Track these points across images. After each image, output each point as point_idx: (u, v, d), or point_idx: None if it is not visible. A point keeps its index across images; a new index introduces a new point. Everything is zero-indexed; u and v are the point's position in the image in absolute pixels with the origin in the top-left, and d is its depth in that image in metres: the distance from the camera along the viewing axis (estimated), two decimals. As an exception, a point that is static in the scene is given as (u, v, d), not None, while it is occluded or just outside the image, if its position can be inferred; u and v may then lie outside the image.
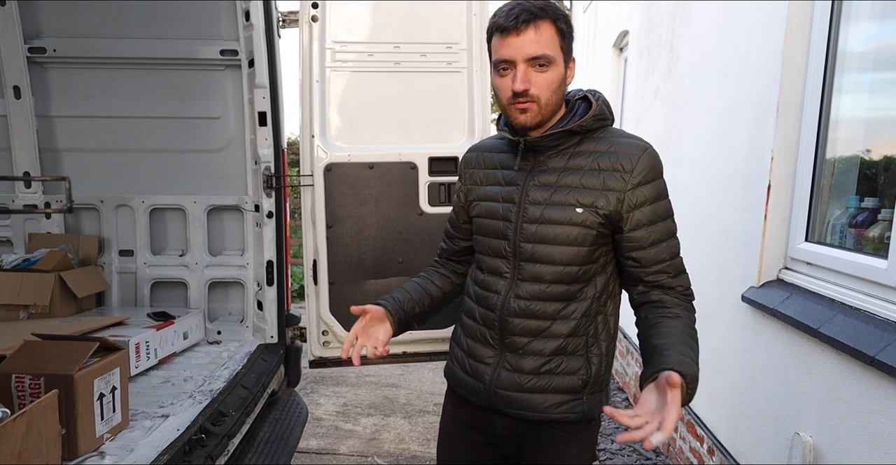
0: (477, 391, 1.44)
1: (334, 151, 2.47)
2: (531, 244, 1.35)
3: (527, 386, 1.37)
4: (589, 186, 1.31)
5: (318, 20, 2.41)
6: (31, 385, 1.53)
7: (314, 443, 3.43)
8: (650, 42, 4.04)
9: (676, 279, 1.34)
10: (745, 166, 2.41)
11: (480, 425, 1.48)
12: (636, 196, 1.29)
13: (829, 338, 1.72)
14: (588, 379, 1.38)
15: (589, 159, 1.32)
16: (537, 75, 1.27)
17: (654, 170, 1.31)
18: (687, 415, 2.96)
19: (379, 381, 4.42)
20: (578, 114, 1.35)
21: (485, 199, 1.45)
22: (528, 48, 1.25)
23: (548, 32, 1.26)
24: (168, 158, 2.80)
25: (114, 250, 2.82)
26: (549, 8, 1.28)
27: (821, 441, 1.80)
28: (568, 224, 1.32)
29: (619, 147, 1.32)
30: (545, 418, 1.37)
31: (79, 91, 2.75)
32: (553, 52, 1.27)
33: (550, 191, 1.34)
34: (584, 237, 1.32)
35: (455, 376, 1.52)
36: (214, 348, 2.59)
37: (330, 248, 2.48)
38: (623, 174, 1.29)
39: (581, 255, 1.33)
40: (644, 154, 1.30)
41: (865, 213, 1.88)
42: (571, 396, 1.37)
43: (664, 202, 1.34)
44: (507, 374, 1.39)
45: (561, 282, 1.34)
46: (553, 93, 1.30)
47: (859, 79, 1.98)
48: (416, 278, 1.61)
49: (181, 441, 1.70)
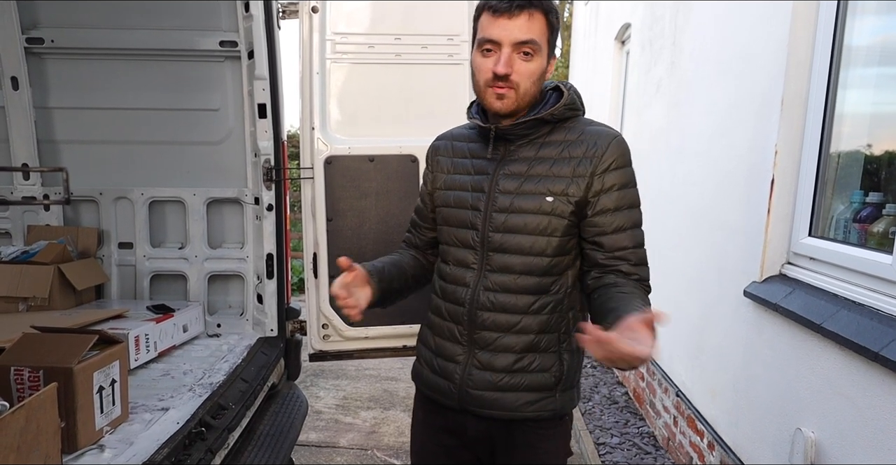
0: (447, 391, 1.40)
1: (334, 143, 2.45)
2: (500, 234, 1.33)
3: (499, 385, 1.34)
4: (559, 174, 1.30)
5: (319, 11, 2.39)
6: (31, 378, 1.52)
7: (314, 436, 3.43)
8: (652, 35, 4.01)
9: (636, 268, 1.32)
10: (747, 160, 2.40)
11: (452, 428, 1.44)
12: (603, 181, 1.29)
13: (832, 333, 1.71)
14: (561, 376, 1.36)
15: (559, 148, 1.32)
16: (521, 63, 1.26)
17: (623, 157, 1.31)
18: (687, 409, 2.96)
19: (379, 374, 4.42)
20: (549, 103, 1.35)
21: (452, 187, 1.42)
22: (518, 33, 1.24)
23: (539, 22, 1.26)
24: (167, 150, 2.78)
25: (113, 243, 2.80)
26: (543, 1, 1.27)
27: (823, 437, 1.80)
28: (538, 213, 1.30)
29: (589, 135, 1.32)
30: (518, 416, 1.35)
31: (77, 82, 2.72)
32: (541, 41, 1.27)
33: (521, 180, 1.33)
34: (555, 227, 1.31)
35: (423, 378, 1.48)
36: (214, 341, 2.58)
37: (330, 241, 2.47)
38: (592, 160, 1.29)
39: (552, 245, 1.31)
40: (613, 141, 1.31)
41: (870, 208, 1.87)
42: (545, 394, 1.35)
43: (632, 190, 1.33)
44: (479, 372, 1.36)
45: (531, 273, 1.32)
46: (533, 83, 1.29)
47: (865, 73, 1.97)
48: (391, 255, 1.55)
49: (181, 435, 1.69)
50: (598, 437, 3.44)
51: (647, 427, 3.59)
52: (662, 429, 3.36)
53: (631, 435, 3.49)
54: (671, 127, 3.45)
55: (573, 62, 8.23)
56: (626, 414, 3.78)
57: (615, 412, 3.82)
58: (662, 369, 3.43)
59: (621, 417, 3.74)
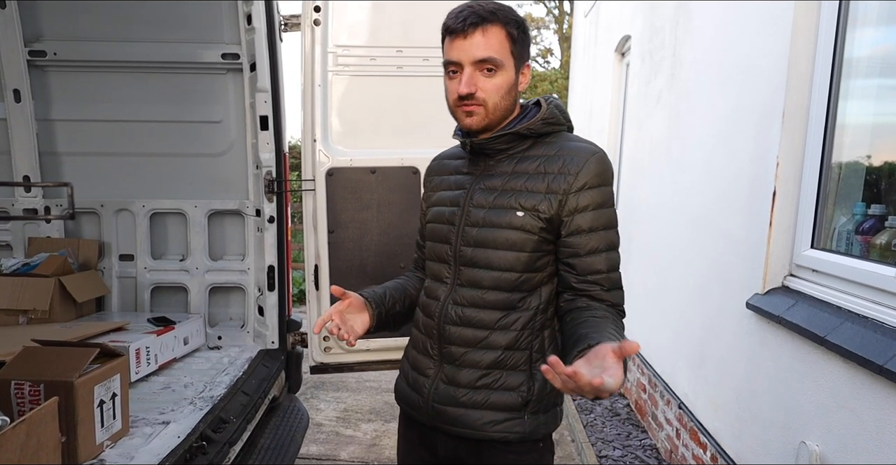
0: (417, 406, 1.39)
1: (336, 155, 2.46)
2: (471, 248, 1.32)
3: (462, 400, 1.32)
4: (533, 189, 1.27)
5: (321, 24, 2.40)
6: (31, 392, 1.51)
7: (315, 449, 3.40)
8: (652, 47, 4.03)
9: (609, 293, 1.27)
10: (749, 172, 2.40)
11: (426, 444, 1.43)
12: (578, 200, 1.25)
13: (836, 346, 1.70)
14: (530, 397, 1.30)
15: (536, 163, 1.30)
16: (484, 80, 1.25)
17: (601, 175, 1.27)
18: (690, 422, 2.94)
19: (380, 386, 4.40)
20: (528, 117, 1.33)
21: (436, 204, 1.43)
22: (475, 51, 1.24)
23: (497, 37, 1.24)
24: (169, 162, 2.79)
25: (114, 255, 2.80)
26: (500, 12, 1.25)
27: (828, 451, 1.79)
28: (507, 228, 1.28)
29: (568, 151, 1.29)
30: (483, 436, 1.31)
31: (79, 94, 2.73)
32: (501, 57, 1.24)
33: (494, 194, 1.31)
34: (524, 242, 1.27)
35: (399, 390, 1.48)
36: (215, 354, 2.58)
37: (332, 253, 2.47)
38: (567, 177, 1.25)
39: (521, 261, 1.28)
40: (592, 158, 1.26)
41: (872, 220, 1.87)
42: (510, 414, 1.30)
43: (608, 211, 1.29)
44: (444, 387, 1.34)
45: (499, 289, 1.30)
46: (501, 98, 1.27)
47: (866, 84, 1.97)
48: (396, 280, 1.56)
49: (182, 449, 1.68)
50: (601, 449, 3.42)
51: (649, 440, 3.57)
52: (665, 441, 3.34)
53: (633, 448, 3.47)
54: (672, 138, 3.46)
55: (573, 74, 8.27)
56: (629, 426, 3.76)
57: (617, 424, 3.79)
58: (664, 381, 3.41)
59: (623, 429, 3.71)
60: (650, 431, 3.64)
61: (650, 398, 3.68)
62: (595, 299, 1.27)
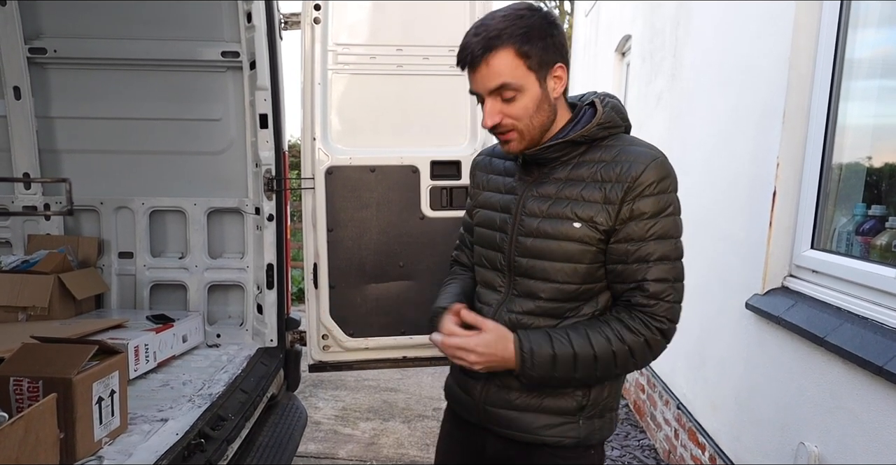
0: (468, 406, 1.39)
1: (335, 153, 2.45)
2: (526, 259, 1.27)
3: (515, 403, 1.30)
4: (589, 198, 1.21)
5: (321, 22, 2.40)
6: (30, 389, 1.51)
7: (313, 447, 3.40)
8: (653, 47, 4.03)
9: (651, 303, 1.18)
10: (749, 172, 2.40)
11: (473, 445, 1.42)
12: (633, 208, 1.18)
13: (835, 347, 1.70)
14: (585, 402, 1.28)
15: (592, 170, 1.23)
16: (507, 106, 1.19)
17: (661, 182, 1.19)
18: (689, 422, 2.94)
19: (378, 385, 4.40)
20: (582, 122, 1.26)
21: (484, 206, 1.39)
22: (487, 82, 1.18)
23: (504, 60, 1.15)
24: (168, 159, 2.79)
25: (113, 252, 2.80)
26: (505, 32, 1.15)
27: (826, 452, 1.78)
28: (564, 239, 1.22)
29: (626, 155, 1.21)
30: (536, 440, 1.29)
31: (79, 92, 2.73)
32: (515, 79, 1.16)
33: (549, 203, 1.25)
34: (582, 254, 1.22)
35: (450, 390, 1.47)
36: (214, 352, 2.57)
37: (331, 251, 2.47)
38: (624, 185, 1.18)
39: (579, 272, 1.23)
40: (652, 163, 1.18)
41: (872, 221, 1.86)
42: (565, 418, 1.29)
43: (666, 220, 1.20)
44: (497, 390, 1.33)
45: (556, 300, 1.26)
46: (532, 117, 1.20)
47: (867, 85, 1.97)
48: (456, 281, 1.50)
49: (180, 446, 1.68)
50: (599, 449, 3.42)
51: (647, 440, 3.57)
52: (663, 442, 3.34)
53: (631, 448, 3.47)
54: (672, 139, 3.45)
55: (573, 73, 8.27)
56: (627, 426, 3.76)
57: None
58: (663, 382, 3.41)
59: (622, 429, 3.71)
60: (648, 431, 3.64)
61: (648, 399, 3.68)
62: (635, 307, 1.20)
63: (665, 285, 1.19)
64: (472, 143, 2.52)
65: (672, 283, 1.20)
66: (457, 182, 2.51)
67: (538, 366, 1.20)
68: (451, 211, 2.49)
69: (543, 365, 1.20)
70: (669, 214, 1.20)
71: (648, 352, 1.21)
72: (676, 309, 1.22)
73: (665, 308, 1.20)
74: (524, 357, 1.20)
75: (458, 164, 2.50)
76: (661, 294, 1.19)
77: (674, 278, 1.21)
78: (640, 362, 1.23)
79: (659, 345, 1.22)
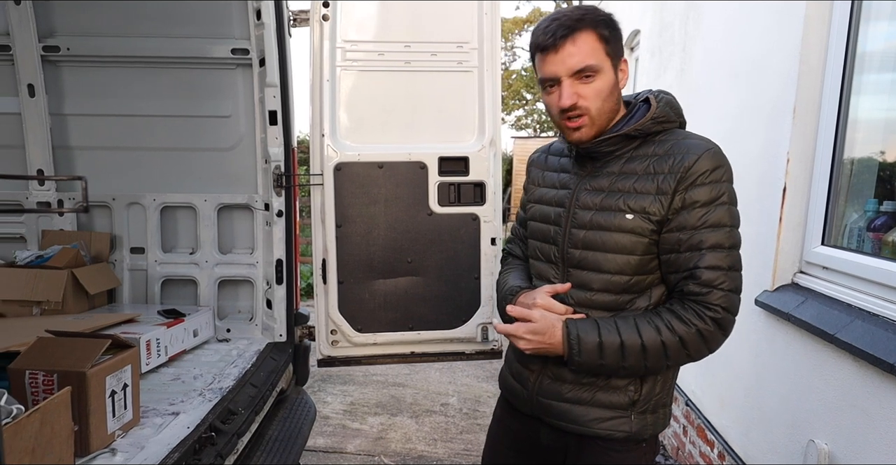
0: (521, 397, 1.42)
1: (344, 150, 2.46)
2: (579, 250, 1.30)
3: (567, 396, 1.33)
4: (642, 190, 1.23)
5: (329, 19, 2.41)
6: (45, 381, 1.54)
7: (321, 442, 3.43)
8: (662, 42, 4.00)
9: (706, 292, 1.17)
10: (758, 168, 2.38)
11: (525, 433, 1.45)
12: (686, 197, 1.19)
13: (846, 344, 1.69)
14: (637, 397, 1.30)
15: (645, 163, 1.25)
16: (584, 87, 1.23)
17: (715, 171, 1.20)
18: (697, 419, 2.93)
19: (386, 380, 4.42)
20: (636, 117, 1.29)
21: (539, 201, 1.43)
22: (570, 62, 1.22)
23: (588, 42, 1.22)
24: (179, 156, 2.81)
25: (125, 248, 2.83)
26: (587, 16, 1.22)
27: (836, 449, 1.78)
28: (617, 231, 1.25)
29: (679, 148, 1.23)
30: (588, 432, 1.32)
31: (92, 89, 2.76)
32: (597, 61, 1.22)
33: (602, 195, 1.28)
34: (635, 245, 1.24)
35: (504, 380, 1.51)
36: (224, 346, 2.60)
37: (339, 247, 2.48)
38: (677, 175, 1.19)
39: (632, 264, 1.25)
40: (704, 154, 1.20)
41: (884, 217, 1.85)
42: (617, 412, 1.30)
43: (720, 209, 1.20)
44: (549, 382, 1.36)
45: (608, 291, 1.28)
46: (604, 101, 1.25)
47: (879, 79, 1.95)
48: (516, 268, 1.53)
49: (191, 439, 1.70)
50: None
51: (656, 436, 3.56)
52: (672, 438, 3.33)
53: (640, 444, 3.46)
54: (682, 134, 3.43)
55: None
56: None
57: (625, 420, 3.79)
58: (672, 378, 3.40)
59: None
60: (657, 427, 3.63)
61: (658, 395, 3.67)
62: (687, 296, 1.20)
63: (718, 273, 1.18)
64: (479, 139, 2.52)
65: (727, 271, 1.20)
66: (465, 178, 2.51)
67: (584, 353, 1.22)
68: (459, 207, 2.50)
69: (590, 352, 1.22)
70: (723, 203, 1.21)
71: (702, 344, 1.20)
72: (733, 299, 1.21)
73: (718, 296, 1.18)
74: (571, 344, 1.23)
75: (466, 160, 2.50)
76: (714, 282, 1.18)
77: (728, 266, 1.20)
78: (695, 353, 1.22)
79: (714, 336, 1.20)
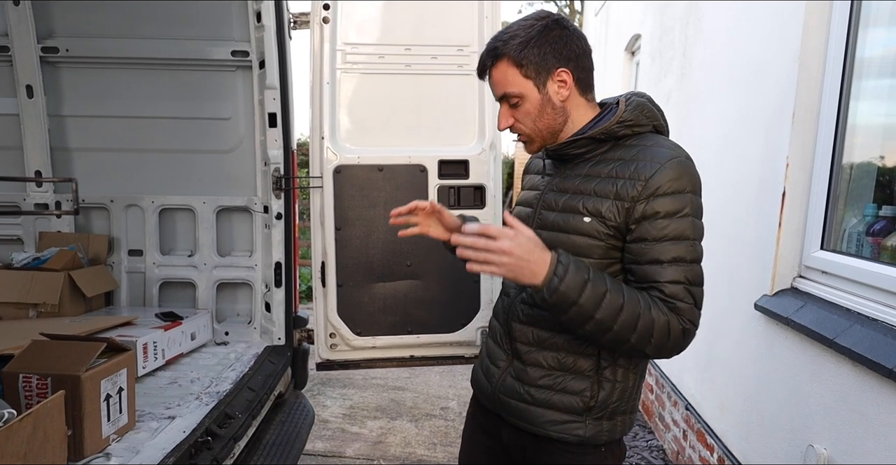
0: (487, 392, 1.44)
1: (344, 152, 2.46)
2: None
3: (524, 397, 1.34)
4: (601, 193, 1.22)
5: (330, 22, 2.41)
6: (38, 385, 1.53)
7: (320, 445, 3.41)
8: (662, 46, 4.01)
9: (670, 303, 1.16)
10: (758, 173, 2.38)
11: (490, 429, 1.47)
12: (647, 208, 1.17)
13: (845, 349, 1.68)
14: (594, 404, 1.29)
15: (610, 167, 1.25)
16: (515, 111, 1.30)
17: (678, 181, 1.17)
18: (697, 423, 2.92)
19: (385, 384, 4.41)
20: (604, 120, 1.29)
21: (520, 203, 1.46)
22: (495, 90, 1.30)
23: (502, 71, 1.26)
24: (178, 158, 2.81)
25: (123, 250, 2.82)
26: (503, 44, 1.24)
27: (836, 454, 1.77)
28: (574, 233, 1.25)
29: (644, 154, 1.22)
30: (543, 433, 1.32)
31: (90, 91, 2.76)
32: (516, 88, 1.26)
33: (564, 197, 1.29)
34: (591, 248, 1.23)
35: (475, 375, 1.53)
36: (222, 350, 2.59)
37: (338, 250, 2.48)
38: (637, 183, 1.18)
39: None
40: (668, 163, 1.18)
41: (883, 221, 1.84)
42: (571, 416, 1.30)
43: (682, 221, 1.18)
44: (511, 381, 1.37)
45: None
46: (535, 121, 1.29)
47: (878, 84, 1.95)
48: None
49: (187, 443, 1.69)
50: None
51: (655, 441, 3.55)
52: (671, 443, 3.32)
53: (640, 448, 3.45)
54: (681, 138, 3.39)
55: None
56: (635, 427, 3.74)
57: (623, 424, 3.78)
58: (671, 382, 3.39)
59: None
60: (657, 432, 3.62)
61: (657, 399, 3.66)
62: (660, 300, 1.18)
63: (680, 287, 1.17)
64: (480, 142, 2.51)
65: (687, 285, 1.18)
66: (465, 181, 2.51)
67: (566, 283, 1.12)
68: (460, 210, 2.49)
69: (573, 285, 1.12)
70: (686, 215, 1.18)
71: (667, 338, 1.16)
72: (696, 313, 1.19)
73: (685, 309, 1.18)
74: (558, 269, 1.13)
75: (467, 163, 2.50)
76: (679, 295, 1.17)
77: (689, 280, 1.18)
78: (655, 344, 1.17)
79: (679, 337, 1.17)
